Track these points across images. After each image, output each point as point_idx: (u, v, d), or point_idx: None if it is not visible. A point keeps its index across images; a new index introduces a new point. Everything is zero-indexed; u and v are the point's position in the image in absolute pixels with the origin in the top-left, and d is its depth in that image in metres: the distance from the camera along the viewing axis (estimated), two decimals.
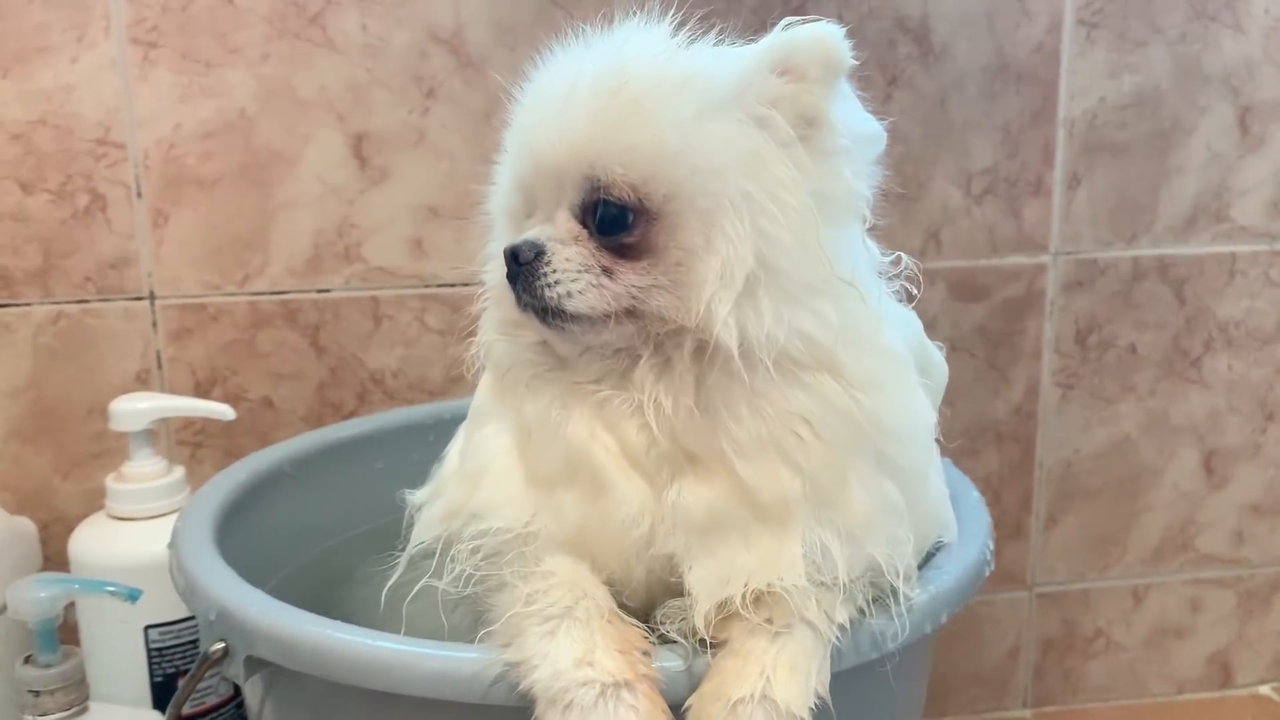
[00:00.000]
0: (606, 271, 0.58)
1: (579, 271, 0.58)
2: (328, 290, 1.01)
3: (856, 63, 0.58)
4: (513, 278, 0.60)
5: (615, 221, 0.58)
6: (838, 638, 0.57)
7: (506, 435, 0.63)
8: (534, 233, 0.60)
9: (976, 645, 1.20)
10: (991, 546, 0.68)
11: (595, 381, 0.60)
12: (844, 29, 0.57)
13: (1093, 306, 1.13)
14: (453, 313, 1.01)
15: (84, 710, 0.80)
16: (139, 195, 0.97)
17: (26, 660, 0.80)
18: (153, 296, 0.99)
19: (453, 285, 1.01)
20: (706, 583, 0.56)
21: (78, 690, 0.79)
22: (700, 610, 0.56)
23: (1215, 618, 1.24)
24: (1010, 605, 1.20)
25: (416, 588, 0.61)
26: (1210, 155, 1.12)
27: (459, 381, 0.90)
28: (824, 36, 0.57)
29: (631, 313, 0.58)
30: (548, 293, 0.58)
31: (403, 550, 0.63)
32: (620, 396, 0.59)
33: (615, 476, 0.58)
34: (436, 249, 1.01)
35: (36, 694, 0.78)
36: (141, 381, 1.00)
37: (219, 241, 0.99)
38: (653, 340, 0.59)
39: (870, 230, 0.62)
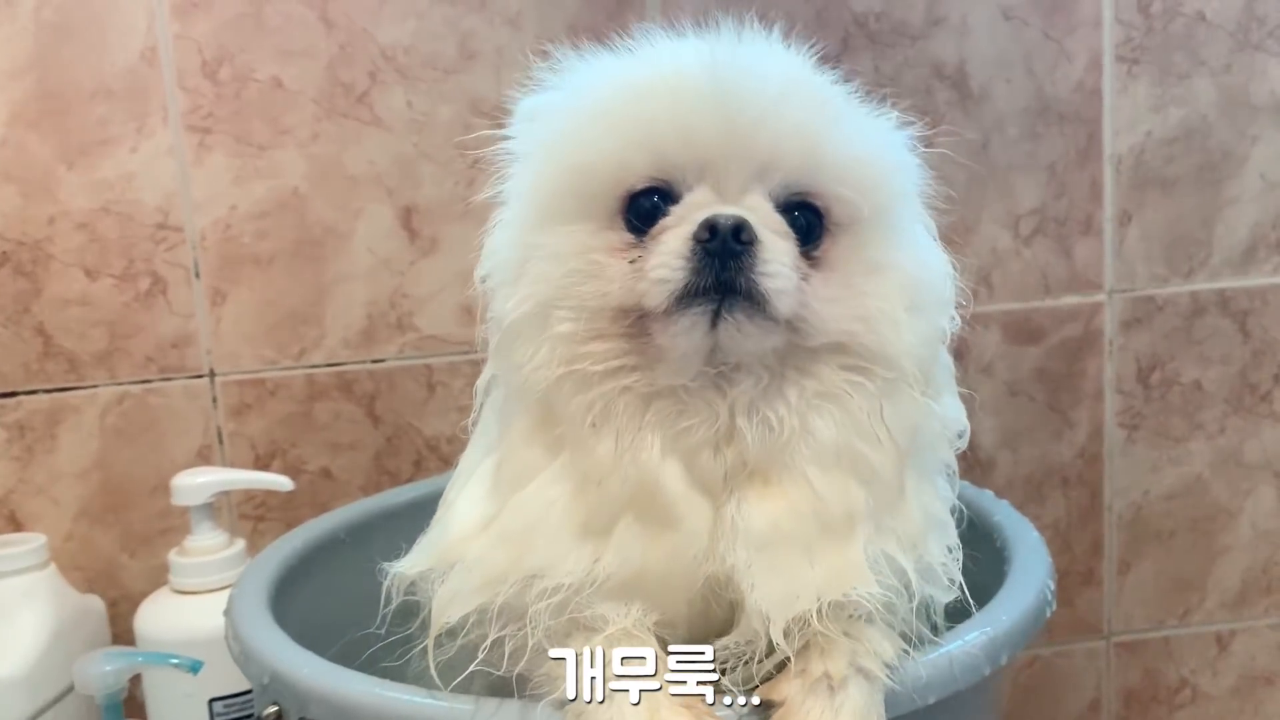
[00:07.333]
0: (804, 278, 0.56)
1: (790, 270, 0.55)
2: (382, 360, 1.03)
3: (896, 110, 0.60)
4: (721, 253, 0.53)
5: (810, 231, 0.57)
6: (890, 678, 0.55)
7: (556, 486, 0.58)
8: (733, 210, 0.54)
9: (1054, 699, 1.16)
10: (1052, 586, 0.66)
11: (679, 405, 0.56)
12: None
13: (1153, 344, 1.11)
14: None
15: None
16: (197, 276, 1.00)
17: None
18: (212, 374, 1.01)
19: None
20: (774, 600, 0.54)
21: None
22: (777, 628, 0.54)
23: None
24: (1088, 655, 1.16)
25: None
26: (1265, 185, 1.10)
27: None
28: None
29: (793, 325, 0.56)
30: (765, 282, 0.54)
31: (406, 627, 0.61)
32: (699, 420, 0.56)
33: (684, 509, 0.55)
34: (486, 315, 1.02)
35: None
36: (203, 458, 1.01)
37: (275, 317, 1.01)
38: (779, 357, 0.56)
39: None
